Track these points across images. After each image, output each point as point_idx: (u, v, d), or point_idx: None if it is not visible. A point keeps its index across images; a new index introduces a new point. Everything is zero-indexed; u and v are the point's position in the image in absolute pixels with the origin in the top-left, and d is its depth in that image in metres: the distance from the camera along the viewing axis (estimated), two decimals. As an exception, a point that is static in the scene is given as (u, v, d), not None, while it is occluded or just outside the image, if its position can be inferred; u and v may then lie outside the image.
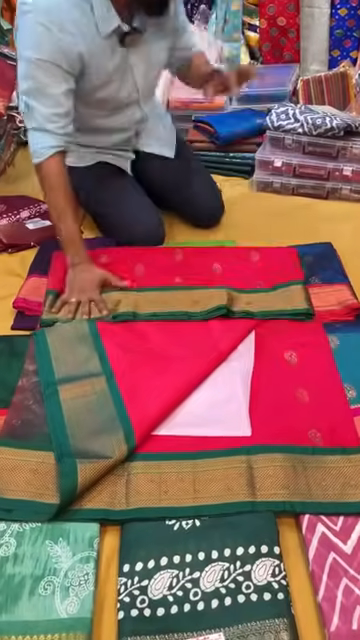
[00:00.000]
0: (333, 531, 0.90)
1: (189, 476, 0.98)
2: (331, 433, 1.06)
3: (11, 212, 1.83)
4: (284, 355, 1.22)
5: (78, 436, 1.03)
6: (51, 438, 1.03)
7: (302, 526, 0.91)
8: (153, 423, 1.06)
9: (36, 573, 0.85)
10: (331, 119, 1.86)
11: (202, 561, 0.86)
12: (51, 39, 1.22)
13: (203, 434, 1.06)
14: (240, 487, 0.95)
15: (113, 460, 0.98)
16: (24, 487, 0.95)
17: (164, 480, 0.97)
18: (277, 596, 0.81)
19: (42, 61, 1.24)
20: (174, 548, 0.88)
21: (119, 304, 1.37)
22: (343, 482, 0.96)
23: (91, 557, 0.87)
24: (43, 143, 1.32)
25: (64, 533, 0.90)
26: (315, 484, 0.96)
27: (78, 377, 1.15)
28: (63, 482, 0.93)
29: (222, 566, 0.85)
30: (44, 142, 1.32)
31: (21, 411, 1.09)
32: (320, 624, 0.80)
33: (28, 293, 1.44)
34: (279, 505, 0.92)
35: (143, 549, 0.88)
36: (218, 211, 1.75)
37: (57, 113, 1.31)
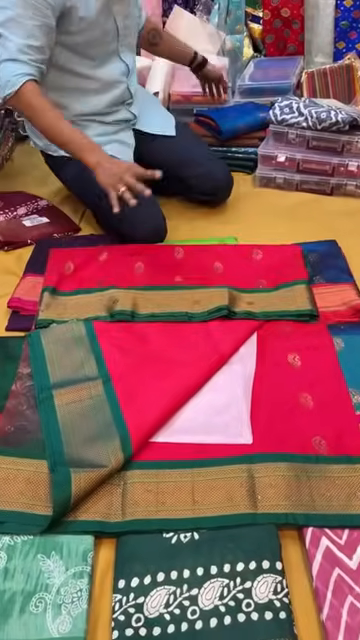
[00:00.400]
0: (338, 545, 0.86)
1: (188, 486, 0.94)
2: (336, 440, 1.02)
3: (8, 209, 1.79)
4: (287, 358, 1.18)
5: (73, 443, 0.99)
6: (45, 445, 0.99)
7: (305, 539, 0.87)
8: (151, 429, 1.03)
9: (27, 589, 0.82)
10: (336, 113, 1.81)
11: (200, 577, 0.82)
12: None
13: (203, 441, 1.02)
14: (241, 498, 0.91)
15: (109, 469, 0.94)
16: (17, 498, 0.91)
17: (161, 490, 0.94)
18: (279, 615, 0.77)
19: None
20: (171, 563, 0.84)
21: (117, 302, 1.33)
22: (348, 493, 0.92)
23: (85, 572, 0.83)
24: (14, 72, 1.30)
25: (57, 546, 0.86)
26: (319, 495, 0.92)
27: (74, 381, 1.12)
28: (56, 493, 0.89)
29: (221, 582, 0.82)
30: (16, 70, 1.30)
31: (15, 417, 1.06)
32: (324, 645, 0.76)
33: (23, 292, 1.40)
34: (281, 517, 0.89)
35: (139, 564, 0.84)
36: (230, 182, 1.76)
37: (31, 45, 1.30)
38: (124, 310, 1.29)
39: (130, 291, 1.36)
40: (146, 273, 1.44)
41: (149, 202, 1.58)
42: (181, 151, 1.70)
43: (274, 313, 1.30)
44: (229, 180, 1.75)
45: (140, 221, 1.51)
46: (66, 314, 1.32)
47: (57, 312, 1.32)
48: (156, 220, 1.56)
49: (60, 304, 1.34)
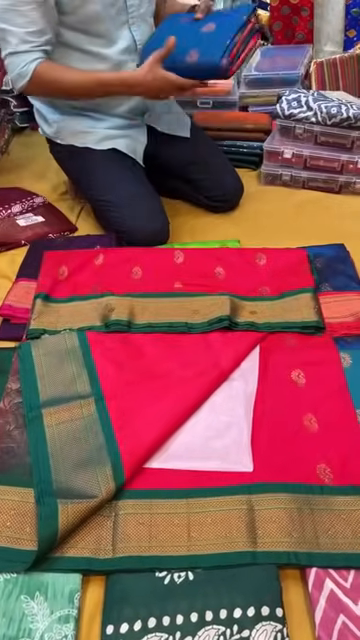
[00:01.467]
0: (343, 589, 0.80)
1: (183, 519, 0.88)
2: (342, 468, 0.95)
3: (2, 206, 1.72)
4: (291, 375, 1.11)
5: (62, 470, 0.93)
6: (32, 471, 0.93)
7: (308, 582, 0.81)
8: (145, 454, 0.96)
9: (9, 634, 0.76)
10: (347, 108, 1.72)
11: (194, 624, 0.77)
12: None
13: (200, 468, 0.96)
14: (239, 534, 0.85)
15: (99, 499, 0.88)
16: (1, 531, 0.86)
17: (155, 523, 0.88)
18: (279, 669, 0.72)
19: None
20: (164, 607, 0.78)
21: (113, 311, 1.26)
22: (355, 529, 0.86)
23: (71, 616, 0.78)
24: (21, 63, 1.28)
25: (42, 586, 0.81)
26: (323, 531, 0.86)
27: (65, 399, 1.05)
28: (42, 527, 0.84)
29: (217, 630, 0.76)
30: (22, 62, 1.28)
31: (1, 438, 1.00)
32: None
33: (15, 299, 1.34)
34: (282, 557, 0.83)
35: (129, 607, 0.79)
36: (240, 192, 1.71)
37: (31, 32, 1.27)
38: (120, 320, 1.23)
39: (127, 298, 1.29)
40: (144, 278, 1.37)
41: (152, 203, 1.52)
42: (194, 154, 1.65)
43: (278, 324, 1.23)
44: (239, 189, 1.70)
45: (142, 222, 1.45)
46: (59, 323, 1.25)
47: (49, 321, 1.26)
48: (159, 222, 1.50)
49: (53, 312, 1.28)
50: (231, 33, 1.34)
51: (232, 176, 1.69)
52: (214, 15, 1.44)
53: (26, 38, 1.27)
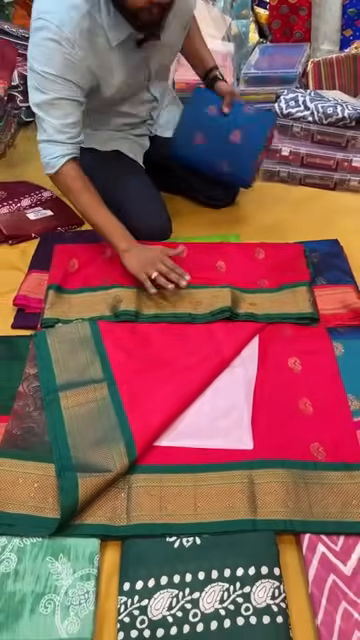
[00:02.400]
0: (333, 552, 0.90)
1: (190, 491, 0.98)
2: (334, 447, 1.05)
3: (11, 200, 1.79)
4: (288, 362, 1.21)
5: (79, 447, 1.02)
6: (52, 449, 1.02)
7: (302, 545, 0.91)
8: (154, 433, 1.06)
9: (37, 590, 0.86)
10: (343, 108, 1.80)
11: (202, 581, 0.86)
12: (62, 54, 1.24)
13: (205, 446, 1.05)
14: (241, 504, 0.95)
15: (114, 474, 0.97)
16: (26, 501, 0.95)
17: (165, 495, 0.97)
18: (276, 619, 0.82)
19: (52, 75, 1.26)
20: (174, 567, 0.88)
21: (121, 302, 1.34)
22: (344, 501, 0.96)
23: (91, 575, 0.87)
24: (53, 154, 1.35)
25: (64, 549, 0.90)
26: (316, 502, 0.95)
27: (79, 383, 1.14)
28: (64, 498, 0.93)
29: (222, 587, 0.86)
30: (54, 152, 1.34)
31: (22, 419, 1.09)
32: (318, 649, 0.80)
33: (29, 290, 1.42)
34: (279, 524, 0.92)
35: (144, 567, 0.88)
36: (235, 192, 1.78)
37: (67, 124, 1.32)
38: (128, 310, 1.31)
39: (134, 290, 1.38)
40: (150, 271, 1.45)
41: (154, 201, 1.60)
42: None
43: (276, 315, 1.32)
44: (235, 188, 1.75)
45: (145, 220, 1.52)
46: (71, 313, 1.33)
47: (62, 310, 1.34)
48: (161, 219, 1.57)
49: (65, 302, 1.36)
50: (257, 152, 1.57)
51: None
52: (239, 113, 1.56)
53: (62, 129, 1.32)
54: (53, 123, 1.31)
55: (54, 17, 1.21)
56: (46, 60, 1.24)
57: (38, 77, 1.27)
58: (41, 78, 1.26)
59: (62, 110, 1.31)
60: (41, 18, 1.22)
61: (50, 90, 1.27)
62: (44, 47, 1.24)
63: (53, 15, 1.21)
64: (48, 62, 1.24)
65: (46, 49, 1.24)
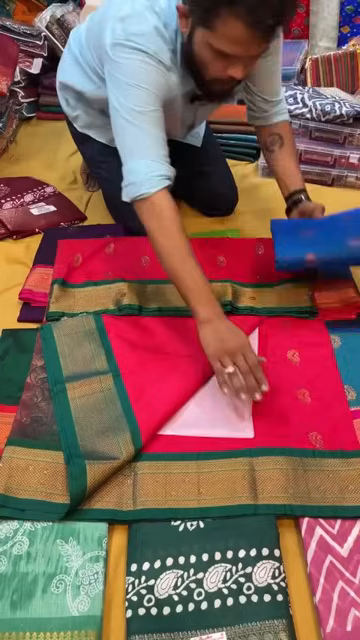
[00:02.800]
0: (331, 534, 0.94)
1: (193, 477, 1.02)
2: (331, 435, 1.09)
3: (15, 195, 1.82)
4: (287, 354, 1.25)
5: (86, 436, 1.06)
6: (60, 438, 1.06)
7: (301, 529, 0.95)
8: (159, 422, 1.10)
9: (48, 571, 0.90)
10: (340, 105, 1.84)
11: (206, 562, 0.91)
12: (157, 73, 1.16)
13: (207, 435, 1.09)
14: (243, 490, 0.99)
15: (120, 461, 1.01)
16: (36, 487, 0.99)
17: (169, 481, 1.01)
18: (276, 598, 0.86)
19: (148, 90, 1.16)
20: (179, 549, 0.92)
21: (125, 296, 1.38)
22: (341, 486, 1.00)
23: (100, 556, 0.92)
24: (154, 171, 1.15)
25: (74, 533, 0.94)
26: (314, 488, 1.00)
27: (85, 375, 1.18)
28: (73, 484, 0.97)
29: (225, 567, 0.90)
30: (154, 170, 1.15)
31: (30, 409, 1.12)
32: (317, 625, 0.85)
33: (34, 284, 1.45)
34: (279, 508, 0.97)
35: (150, 550, 0.92)
36: (232, 205, 1.77)
37: (163, 137, 1.19)
38: (131, 304, 1.35)
39: (137, 284, 1.41)
40: (152, 266, 1.49)
41: None
42: (197, 164, 1.66)
43: (276, 309, 1.36)
44: (232, 201, 1.75)
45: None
46: (76, 307, 1.37)
47: (67, 304, 1.38)
48: None
49: (70, 296, 1.40)
50: None
51: (227, 188, 1.72)
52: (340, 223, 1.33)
53: (163, 144, 1.19)
54: (155, 134, 1.16)
55: (149, 42, 1.13)
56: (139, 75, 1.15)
57: (133, 90, 1.14)
58: (137, 90, 1.14)
59: (159, 125, 1.18)
60: (132, 41, 1.13)
61: (148, 103, 1.16)
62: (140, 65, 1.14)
63: (148, 39, 1.13)
64: (141, 77, 1.15)
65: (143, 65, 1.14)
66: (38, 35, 2.21)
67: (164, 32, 1.15)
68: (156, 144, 1.17)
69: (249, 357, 1.07)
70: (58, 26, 2.22)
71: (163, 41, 1.15)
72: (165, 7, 1.15)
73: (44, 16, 2.25)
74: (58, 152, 2.15)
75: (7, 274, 1.52)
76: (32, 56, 2.27)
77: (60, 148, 2.17)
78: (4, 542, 0.93)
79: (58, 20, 2.23)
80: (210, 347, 1.10)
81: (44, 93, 2.39)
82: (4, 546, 0.92)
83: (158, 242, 1.16)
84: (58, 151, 2.15)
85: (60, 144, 2.19)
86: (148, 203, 1.16)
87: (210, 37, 1.06)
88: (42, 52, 2.25)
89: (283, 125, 1.48)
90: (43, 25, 2.21)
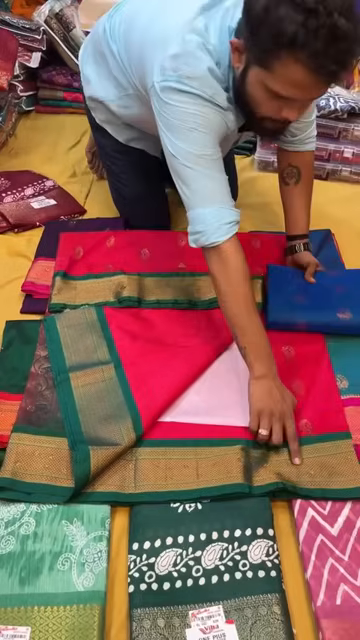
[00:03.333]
0: (322, 515, 0.99)
1: (192, 462, 1.07)
2: (320, 420, 1.14)
3: (15, 189, 1.85)
4: (282, 349, 1.29)
5: (90, 423, 1.11)
6: (64, 425, 1.11)
7: (294, 510, 1.00)
8: (159, 410, 1.14)
9: (54, 550, 0.95)
10: (335, 100, 1.87)
11: (203, 541, 0.96)
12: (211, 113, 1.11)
13: (205, 422, 1.14)
14: (238, 470, 1.04)
15: (122, 447, 1.06)
16: (42, 472, 1.04)
17: (169, 466, 1.06)
18: (270, 574, 0.91)
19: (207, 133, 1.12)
20: (178, 529, 0.97)
21: (125, 289, 1.42)
22: (330, 471, 1.05)
23: (104, 536, 0.97)
24: (222, 219, 1.12)
25: (78, 514, 0.99)
26: (305, 473, 1.05)
27: (88, 365, 1.23)
28: (77, 468, 1.01)
29: (221, 546, 0.95)
30: (223, 217, 1.13)
31: (35, 397, 1.17)
32: (308, 599, 0.90)
33: (36, 277, 1.49)
34: (272, 486, 1.02)
35: (150, 530, 0.97)
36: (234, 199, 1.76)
37: (225, 179, 1.16)
38: (131, 297, 1.39)
39: (136, 277, 1.46)
40: (152, 259, 1.53)
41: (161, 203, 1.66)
42: None
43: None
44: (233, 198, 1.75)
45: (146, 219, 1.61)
46: (77, 299, 1.41)
47: (69, 296, 1.42)
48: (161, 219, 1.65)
49: (71, 288, 1.44)
50: None
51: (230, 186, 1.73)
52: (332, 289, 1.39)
53: (228, 188, 1.16)
54: (219, 179, 1.13)
55: (204, 85, 1.08)
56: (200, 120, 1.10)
57: (191, 134, 1.10)
58: (196, 134, 1.09)
59: (220, 167, 1.14)
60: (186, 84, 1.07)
61: (208, 145, 1.12)
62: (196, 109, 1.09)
63: (203, 83, 1.08)
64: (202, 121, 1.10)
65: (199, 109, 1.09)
66: (37, 29, 2.23)
67: (217, 72, 1.08)
68: (221, 188, 1.14)
69: (289, 425, 1.09)
70: (57, 20, 2.24)
71: (217, 81, 1.09)
72: (216, 43, 1.08)
73: (43, 10, 2.27)
74: (57, 146, 2.18)
75: (9, 267, 1.56)
76: (31, 50, 2.29)
77: (59, 142, 2.19)
78: (12, 523, 0.98)
79: (57, 14, 2.25)
80: (257, 403, 1.10)
81: (43, 87, 2.40)
82: (12, 526, 0.97)
83: (224, 291, 1.15)
84: (57, 145, 2.18)
85: (59, 138, 2.22)
86: (217, 252, 1.14)
87: (266, 78, 0.99)
88: (41, 46, 2.27)
89: (306, 156, 1.44)
90: (42, 19, 2.23)
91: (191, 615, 0.87)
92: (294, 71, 0.94)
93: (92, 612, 0.87)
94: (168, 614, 0.88)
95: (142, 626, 0.86)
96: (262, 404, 1.10)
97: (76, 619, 0.86)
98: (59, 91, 2.38)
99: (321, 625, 0.86)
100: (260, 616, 0.87)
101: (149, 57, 1.14)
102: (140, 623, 0.86)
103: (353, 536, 0.97)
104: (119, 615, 0.89)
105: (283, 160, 1.48)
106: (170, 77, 1.08)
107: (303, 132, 1.41)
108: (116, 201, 1.73)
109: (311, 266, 1.43)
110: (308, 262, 1.44)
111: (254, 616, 0.87)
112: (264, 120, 1.10)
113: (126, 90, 1.36)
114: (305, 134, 1.42)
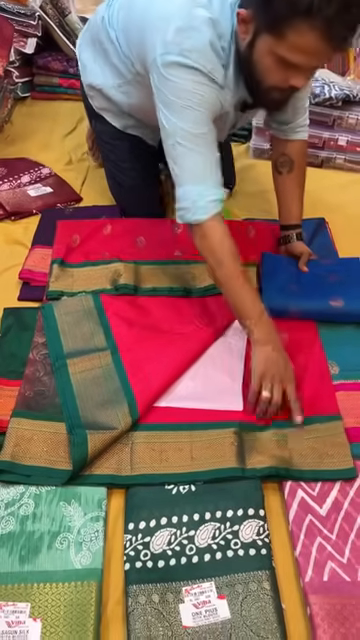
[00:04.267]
0: (311, 496, 1.03)
1: (187, 445, 1.10)
2: (312, 403, 1.17)
3: (12, 177, 1.87)
4: (276, 335, 1.32)
5: (87, 408, 1.14)
6: (62, 410, 1.14)
7: (284, 491, 1.04)
8: (154, 395, 1.17)
9: (53, 530, 0.98)
10: (330, 88, 1.88)
11: (197, 521, 0.99)
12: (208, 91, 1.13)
13: (200, 407, 1.17)
14: (231, 454, 1.07)
15: (119, 431, 1.09)
16: (40, 455, 1.07)
17: (164, 449, 1.09)
18: (261, 552, 0.95)
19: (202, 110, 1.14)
20: (172, 510, 1.01)
21: (121, 276, 1.44)
22: (321, 452, 1.09)
23: (100, 517, 1.00)
24: (209, 196, 1.16)
25: (76, 495, 1.03)
26: (297, 454, 1.08)
27: (85, 351, 1.25)
28: (75, 452, 1.05)
29: (214, 526, 0.99)
30: (208, 195, 1.16)
31: (33, 383, 1.20)
32: (297, 576, 0.94)
33: (33, 264, 1.51)
34: (264, 470, 1.05)
35: (146, 510, 1.01)
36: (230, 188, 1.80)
37: (217, 158, 1.18)
38: (127, 284, 1.42)
39: (133, 265, 1.48)
40: (147, 247, 1.55)
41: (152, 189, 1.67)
42: None
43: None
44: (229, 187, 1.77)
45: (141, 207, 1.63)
46: (75, 286, 1.43)
47: (66, 284, 1.44)
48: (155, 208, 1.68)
49: (69, 276, 1.46)
50: None
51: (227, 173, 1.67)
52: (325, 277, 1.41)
53: (217, 165, 1.18)
54: (209, 157, 1.16)
55: (204, 59, 1.10)
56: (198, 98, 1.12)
57: (188, 112, 1.12)
58: (192, 112, 1.12)
59: (213, 146, 1.17)
60: (187, 57, 1.09)
61: (203, 124, 1.14)
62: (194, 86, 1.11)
63: (203, 56, 1.10)
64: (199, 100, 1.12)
65: (197, 87, 1.11)
66: (32, 15, 2.22)
67: (218, 46, 1.11)
68: (211, 167, 1.17)
69: (289, 387, 1.14)
70: (52, 6, 2.23)
71: (217, 57, 1.11)
72: (219, 17, 1.10)
73: (38, -5, 2.26)
74: (53, 133, 2.18)
75: (6, 254, 1.58)
76: (26, 36, 2.28)
77: (55, 129, 2.20)
78: (12, 504, 1.01)
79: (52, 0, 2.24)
80: (259, 366, 1.15)
81: (38, 73, 2.40)
82: (12, 507, 1.01)
83: (212, 265, 1.21)
84: (53, 132, 2.19)
85: (55, 124, 2.22)
86: (201, 228, 1.18)
87: (277, 45, 1.01)
88: (36, 32, 2.26)
89: (299, 146, 1.46)
90: (37, 5, 2.21)
91: (184, 591, 0.91)
92: (307, 38, 0.97)
93: (89, 589, 0.91)
94: (162, 590, 0.91)
95: (137, 601, 0.90)
96: (264, 367, 1.14)
97: (74, 595, 0.90)
98: (55, 77, 2.39)
99: (309, 600, 0.89)
100: (250, 592, 0.90)
101: (150, 35, 1.15)
102: (135, 599, 0.90)
103: (341, 516, 1.00)
104: (115, 591, 0.93)
105: (277, 149, 1.50)
106: (173, 50, 1.10)
107: (296, 118, 1.44)
108: (112, 188, 1.74)
109: (304, 255, 1.46)
110: (301, 252, 1.47)
111: (245, 592, 0.91)
112: (271, 90, 1.12)
113: (125, 77, 1.38)
114: (297, 122, 1.44)
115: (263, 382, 1.14)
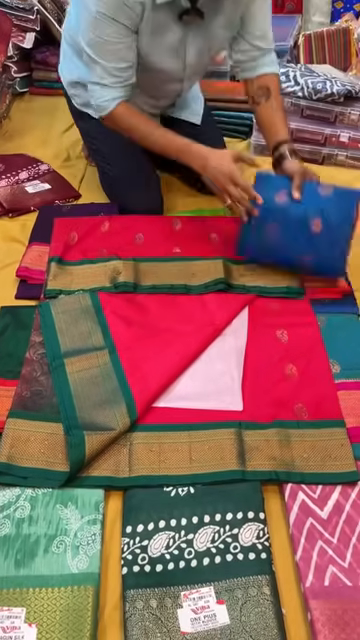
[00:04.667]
0: (312, 499, 1.01)
1: (185, 446, 1.08)
2: (316, 406, 1.15)
3: (10, 173, 1.85)
4: (276, 333, 1.30)
5: (85, 408, 1.12)
6: (59, 410, 1.12)
7: (285, 493, 1.02)
8: (153, 396, 1.15)
9: (49, 533, 0.97)
10: (332, 84, 1.86)
11: (195, 524, 0.98)
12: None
13: (199, 407, 1.15)
14: (231, 457, 1.06)
15: (117, 431, 1.07)
16: (37, 456, 1.05)
17: (163, 450, 1.08)
18: (260, 556, 0.93)
19: (105, 16, 1.25)
20: (171, 513, 0.99)
21: (120, 274, 1.42)
22: (324, 455, 1.07)
23: (97, 520, 0.98)
24: (104, 96, 1.38)
25: (73, 498, 1.01)
26: (298, 456, 1.06)
27: (83, 351, 1.23)
28: (72, 453, 1.03)
29: (213, 529, 0.97)
30: (104, 95, 1.38)
31: (30, 383, 1.18)
32: (297, 580, 0.92)
33: (30, 262, 1.49)
34: (265, 474, 1.03)
35: (144, 513, 0.99)
36: None
37: (119, 68, 1.35)
38: (127, 282, 1.40)
39: (132, 262, 1.46)
40: (146, 243, 1.53)
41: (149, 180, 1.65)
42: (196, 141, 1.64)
43: (266, 288, 1.41)
44: None
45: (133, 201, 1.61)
46: (73, 284, 1.41)
47: (64, 282, 1.42)
48: (154, 203, 1.65)
49: (67, 274, 1.44)
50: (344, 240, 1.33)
51: None
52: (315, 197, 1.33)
53: (113, 72, 1.35)
54: (105, 66, 1.33)
55: None
56: (101, 1, 1.23)
57: (91, 18, 1.27)
58: (95, 20, 1.26)
59: (115, 54, 1.32)
60: None
61: (103, 31, 1.28)
62: None
63: None
64: (102, 3, 1.23)
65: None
66: (31, 9, 2.20)
67: None
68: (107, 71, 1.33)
69: (239, 183, 1.31)
70: (51, 0, 2.21)
71: None
72: None
73: (36, -11, 2.23)
74: (52, 129, 2.16)
75: (3, 252, 1.56)
76: (25, 30, 2.26)
77: (54, 124, 2.18)
78: (7, 507, 0.99)
79: (51, -6, 2.22)
80: (215, 185, 1.35)
81: (37, 68, 2.38)
82: (7, 510, 0.99)
83: (131, 138, 1.44)
84: (52, 128, 2.17)
85: (54, 120, 2.20)
86: (107, 121, 1.43)
87: None
88: (35, 26, 2.24)
89: (271, 78, 1.49)
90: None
91: (183, 596, 0.89)
92: None
93: (86, 593, 0.89)
94: (160, 595, 0.90)
95: (135, 607, 0.88)
96: (218, 183, 1.33)
97: (70, 600, 0.88)
98: (53, 72, 2.35)
99: (309, 605, 0.88)
100: (250, 597, 0.89)
101: None
102: (133, 604, 0.88)
103: (342, 519, 0.98)
104: (113, 596, 0.91)
105: (249, 87, 1.52)
106: None
107: (262, 58, 1.47)
108: (102, 182, 1.73)
109: (297, 176, 1.34)
110: (294, 171, 1.35)
111: (244, 597, 0.89)
112: None
113: None
114: (265, 59, 1.48)
115: (225, 194, 1.32)
